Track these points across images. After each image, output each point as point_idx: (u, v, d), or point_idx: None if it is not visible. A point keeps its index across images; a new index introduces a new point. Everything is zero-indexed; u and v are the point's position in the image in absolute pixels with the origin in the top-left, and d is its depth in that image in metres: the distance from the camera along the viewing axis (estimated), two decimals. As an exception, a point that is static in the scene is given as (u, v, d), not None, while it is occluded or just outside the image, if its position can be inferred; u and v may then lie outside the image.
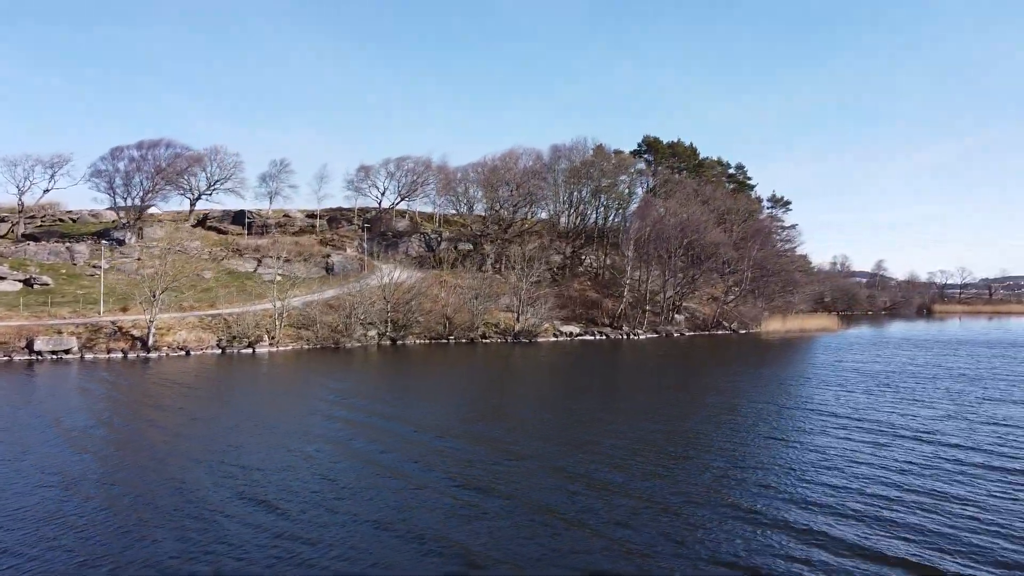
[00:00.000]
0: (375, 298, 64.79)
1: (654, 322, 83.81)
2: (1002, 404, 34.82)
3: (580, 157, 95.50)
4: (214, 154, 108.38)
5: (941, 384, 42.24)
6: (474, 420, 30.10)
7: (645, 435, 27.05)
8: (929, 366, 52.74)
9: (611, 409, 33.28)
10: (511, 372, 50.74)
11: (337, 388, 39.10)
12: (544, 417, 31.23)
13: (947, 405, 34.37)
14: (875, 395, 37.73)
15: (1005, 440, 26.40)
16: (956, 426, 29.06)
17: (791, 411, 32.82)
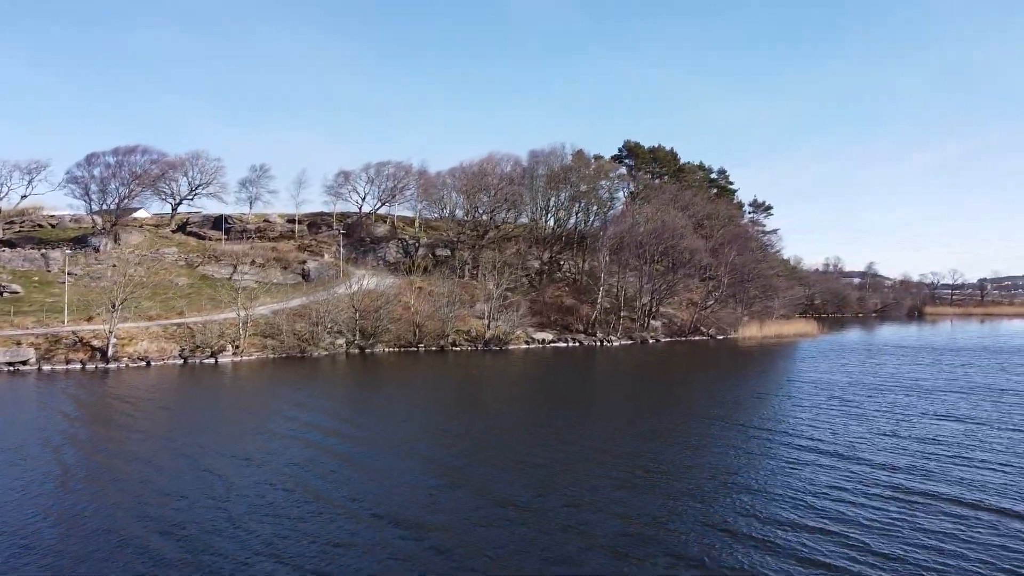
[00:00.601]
0: (343, 307, 64.76)
1: (630, 328, 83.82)
2: (943, 420, 34.85)
3: (558, 163, 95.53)
4: (195, 159, 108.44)
5: (889, 397, 42.25)
6: (417, 439, 29.94)
7: (584, 458, 27.07)
8: (890, 377, 52.74)
9: (561, 426, 33.26)
10: (471, 385, 50.66)
11: (290, 403, 39.02)
12: (491, 436, 31.03)
13: (883, 422, 34.39)
14: (820, 410, 37.76)
15: (929, 459, 26.43)
16: (882, 444, 29.08)
17: (731, 429, 32.87)
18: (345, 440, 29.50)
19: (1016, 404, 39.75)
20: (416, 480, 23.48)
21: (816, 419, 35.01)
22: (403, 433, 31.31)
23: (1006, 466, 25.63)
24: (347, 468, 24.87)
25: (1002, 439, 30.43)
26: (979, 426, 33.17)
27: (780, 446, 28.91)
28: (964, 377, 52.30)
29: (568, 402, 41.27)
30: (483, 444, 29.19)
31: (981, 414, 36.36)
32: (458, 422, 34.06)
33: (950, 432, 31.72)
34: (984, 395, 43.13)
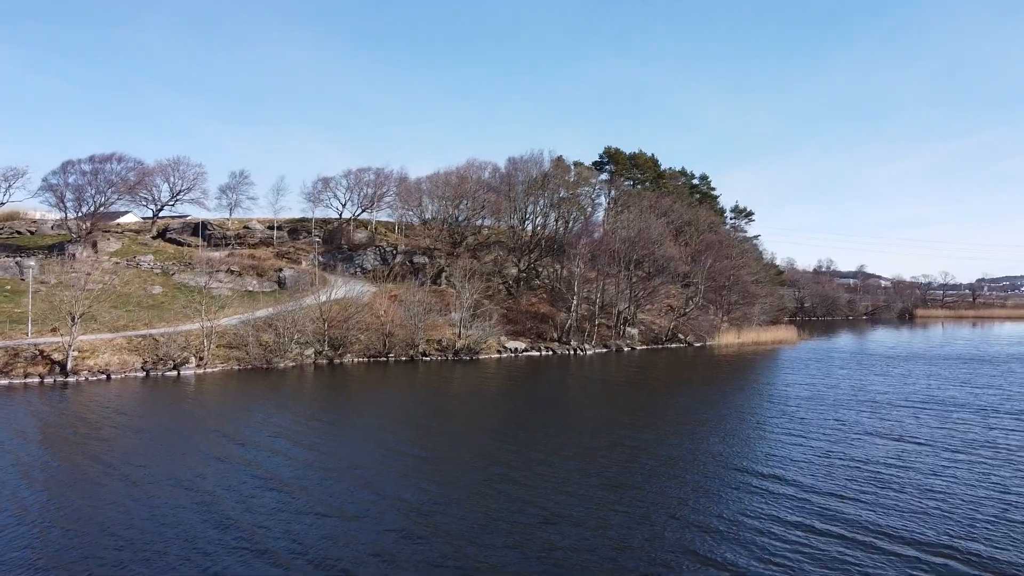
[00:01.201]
0: (310, 317, 64.68)
1: (605, 336, 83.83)
2: (887, 440, 34.84)
3: (537, 169, 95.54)
4: (176, 165, 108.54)
5: (840, 414, 42.23)
6: (374, 466, 29.63)
7: (523, 487, 27.03)
8: (850, 390, 52.73)
9: (510, 446, 33.24)
10: (433, 401, 50.53)
11: (243, 423, 38.99)
12: (454, 463, 30.65)
13: (824, 442, 34.37)
14: (764, 430, 37.77)
15: (853, 481, 26.40)
16: (812, 470, 29.06)
17: (672, 452, 32.84)
18: (296, 467, 28.92)
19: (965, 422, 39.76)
20: (369, 528, 22.01)
21: (758, 438, 35.02)
22: (359, 458, 30.83)
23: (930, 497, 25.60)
24: (291, 507, 24.35)
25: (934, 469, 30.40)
26: (920, 446, 33.17)
27: (707, 473, 28.89)
28: (930, 390, 52.28)
29: (529, 420, 41.19)
30: (446, 475, 28.07)
31: (924, 432, 36.36)
32: (417, 446, 33.89)
33: (886, 454, 31.69)
34: (941, 413, 43.10)
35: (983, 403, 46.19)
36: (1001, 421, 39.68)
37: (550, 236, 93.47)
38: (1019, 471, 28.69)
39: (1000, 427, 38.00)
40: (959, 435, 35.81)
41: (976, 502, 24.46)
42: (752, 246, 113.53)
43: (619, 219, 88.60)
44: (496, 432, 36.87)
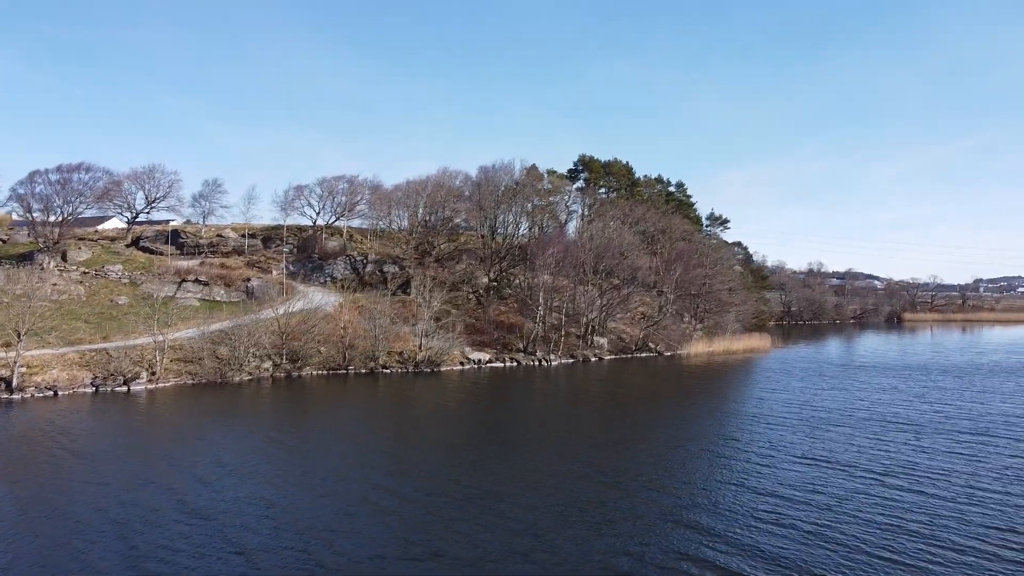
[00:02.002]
0: (268, 330, 64.57)
1: (572, 346, 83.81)
2: (804, 464, 34.80)
3: (508, 179, 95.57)
4: (151, 173, 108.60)
5: (777, 435, 42.22)
6: (312, 502, 29.46)
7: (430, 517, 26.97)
8: (801, 406, 52.72)
9: (455, 472, 33.19)
10: (384, 416, 50.56)
11: (183, 440, 38.95)
12: (402, 500, 29.93)
13: (738, 467, 34.35)
14: (688, 456, 37.78)
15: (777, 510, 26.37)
16: (726, 501, 29.05)
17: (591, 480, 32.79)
18: (225, 499, 28.48)
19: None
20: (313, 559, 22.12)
21: (676, 466, 35.02)
22: (296, 491, 30.19)
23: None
24: (216, 541, 24.17)
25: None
26: (838, 469, 33.09)
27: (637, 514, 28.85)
28: (876, 406, 52.21)
29: (480, 442, 41.17)
30: (393, 514, 26.99)
31: (848, 455, 36.28)
32: (360, 475, 33.72)
33: (800, 480, 31.64)
34: (877, 432, 43.05)
35: (923, 420, 46.12)
36: (933, 442, 39.60)
37: (522, 245, 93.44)
38: (928, 499, 28.65)
39: (929, 448, 37.95)
40: (883, 457, 35.76)
41: (877, 533, 24.44)
42: (729, 254, 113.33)
43: (588, 228, 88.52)
44: (442, 458, 36.59)
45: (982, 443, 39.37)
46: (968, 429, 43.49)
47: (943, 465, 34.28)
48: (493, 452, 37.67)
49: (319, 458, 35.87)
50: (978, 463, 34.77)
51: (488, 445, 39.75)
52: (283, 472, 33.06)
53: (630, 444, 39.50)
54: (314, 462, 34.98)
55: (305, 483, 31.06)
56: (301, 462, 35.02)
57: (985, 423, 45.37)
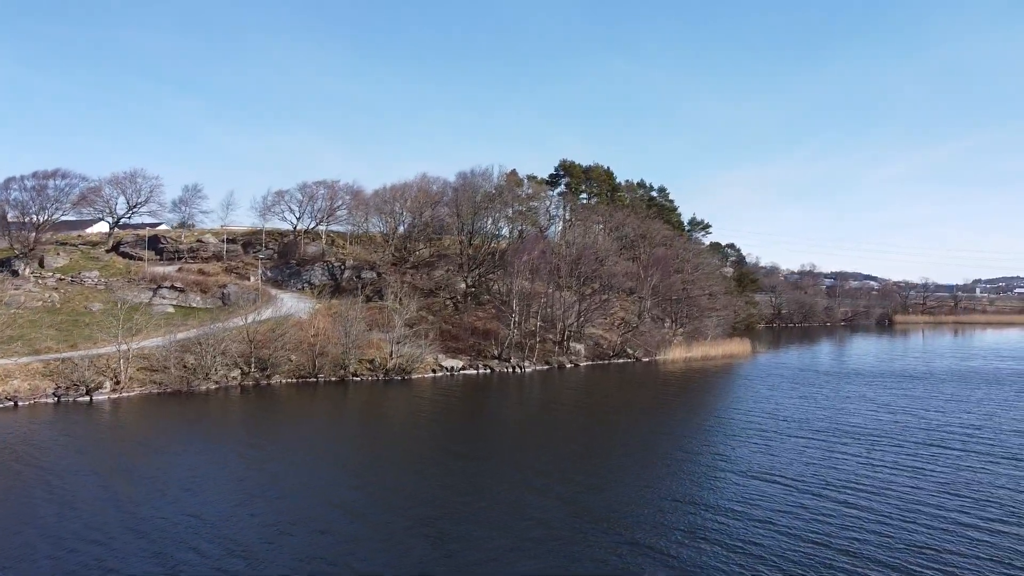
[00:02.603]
0: (234, 338, 64.48)
1: (548, 352, 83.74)
2: (753, 478, 34.77)
3: (487, 184, 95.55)
4: (132, 178, 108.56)
5: (724, 447, 42.23)
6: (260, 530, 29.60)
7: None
8: (765, 415, 52.70)
9: (411, 492, 33.11)
10: (345, 428, 50.50)
11: (137, 453, 38.86)
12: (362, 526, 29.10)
13: (684, 481, 34.34)
14: (636, 464, 37.77)
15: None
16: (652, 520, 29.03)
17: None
18: (175, 520, 28.20)
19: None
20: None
21: (617, 479, 35.00)
22: (240, 507, 29.93)
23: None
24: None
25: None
26: (780, 484, 33.04)
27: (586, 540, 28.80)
28: (838, 416, 52.14)
29: (444, 453, 41.14)
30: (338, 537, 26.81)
31: (794, 468, 36.25)
32: (314, 496, 33.56)
33: (742, 494, 31.60)
34: (828, 444, 43.01)
35: (880, 431, 46.13)
36: (883, 455, 39.58)
37: (500, 250, 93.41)
38: (861, 515, 28.62)
39: (877, 462, 37.92)
40: (828, 472, 35.73)
41: (803, 548, 24.43)
42: (711, 258, 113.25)
43: (566, 234, 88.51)
44: (401, 472, 36.37)
45: (931, 456, 39.38)
46: (923, 440, 43.52)
47: (885, 479, 34.27)
48: (453, 466, 37.34)
49: (273, 472, 35.75)
50: (921, 478, 34.74)
51: (450, 458, 39.42)
52: (232, 487, 33.05)
53: (590, 459, 39.37)
54: (267, 476, 34.89)
55: (249, 498, 31.05)
56: (253, 476, 34.99)
57: (940, 434, 45.37)
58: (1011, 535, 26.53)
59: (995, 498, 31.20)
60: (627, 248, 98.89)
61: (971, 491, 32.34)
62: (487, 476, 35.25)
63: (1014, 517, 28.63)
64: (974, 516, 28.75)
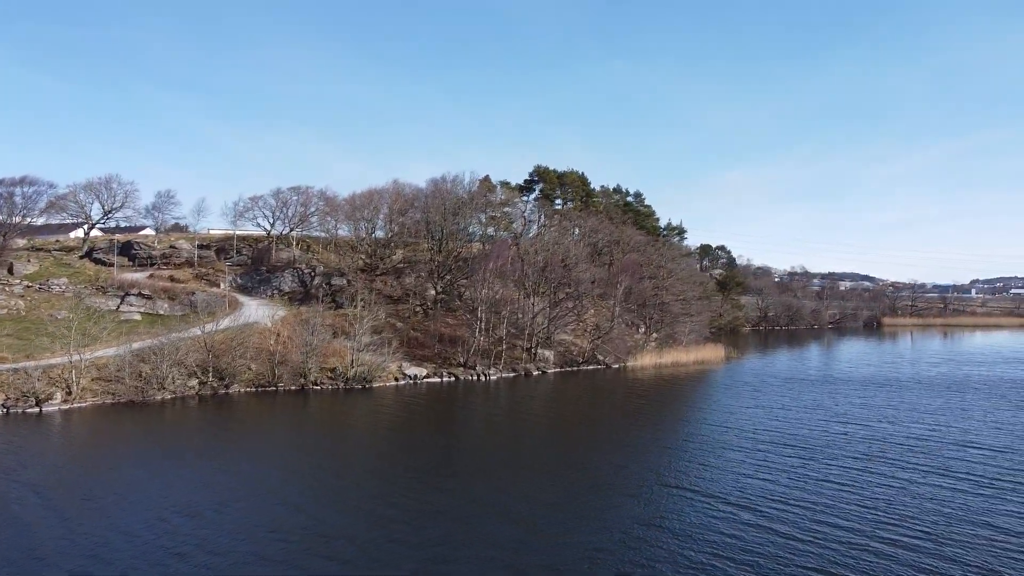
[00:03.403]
0: (191, 347, 64.35)
1: (515, 359, 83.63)
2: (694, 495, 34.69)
3: (462, 190, 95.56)
4: (106, 183, 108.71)
5: (669, 466, 42.18)
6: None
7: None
8: (724, 429, 52.68)
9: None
10: (300, 436, 50.27)
11: (79, 467, 38.73)
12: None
13: (619, 495, 34.26)
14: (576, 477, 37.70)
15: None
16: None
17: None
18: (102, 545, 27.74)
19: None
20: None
21: (552, 497, 34.93)
22: (168, 526, 29.54)
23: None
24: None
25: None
26: (705, 497, 32.97)
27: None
28: (791, 428, 52.06)
29: (391, 467, 40.95)
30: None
31: (723, 486, 36.18)
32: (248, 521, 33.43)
33: (662, 511, 31.52)
34: (770, 457, 42.95)
35: (821, 443, 46.06)
36: (815, 470, 39.49)
37: (473, 256, 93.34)
38: (774, 536, 28.57)
39: (808, 477, 37.84)
40: (754, 488, 35.65)
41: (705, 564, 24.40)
42: (687, 264, 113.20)
43: (535, 241, 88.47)
44: (346, 489, 36.07)
45: (863, 471, 39.24)
46: (861, 453, 43.43)
47: (808, 499, 34.09)
48: (402, 482, 36.96)
49: (214, 487, 35.61)
50: (844, 494, 34.65)
51: (399, 473, 38.96)
52: (167, 500, 32.94)
53: (547, 474, 38.94)
54: (206, 492, 34.72)
55: (187, 513, 31.06)
56: (191, 489, 34.89)
57: (881, 447, 45.30)
58: (922, 556, 26.46)
59: (914, 515, 31.13)
60: (600, 254, 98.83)
61: (890, 507, 32.31)
62: (437, 492, 34.95)
63: (927, 537, 28.54)
64: (889, 534, 28.68)
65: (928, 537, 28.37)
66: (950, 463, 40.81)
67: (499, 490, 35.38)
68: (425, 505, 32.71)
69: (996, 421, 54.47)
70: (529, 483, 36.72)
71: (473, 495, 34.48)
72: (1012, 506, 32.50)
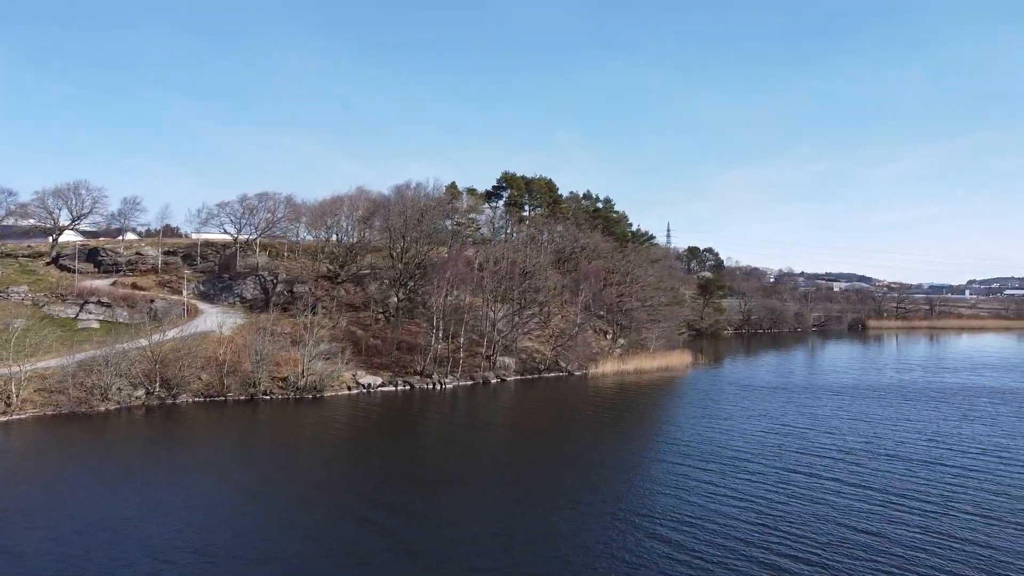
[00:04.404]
0: (136, 356, 64.13)
1: (473, 367, 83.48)
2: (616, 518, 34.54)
3: (424, 198, 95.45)
4: (75, 189, 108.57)
5: (600, 482, 42.06)
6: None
7: None
8: (670, 442, 52.59)
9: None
10: (241, 450, 49.82)
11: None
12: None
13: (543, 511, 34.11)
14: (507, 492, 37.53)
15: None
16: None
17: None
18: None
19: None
20: None
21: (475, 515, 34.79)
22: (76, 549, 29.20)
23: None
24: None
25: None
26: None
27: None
28: (729, 443, 51.84)
29: (320, 486, 40.31)
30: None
31: (643, 501, 36.04)
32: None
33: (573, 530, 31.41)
34: (701, 469, 42.82)
35: (756, 456, 45.96)
36: (749, 484, 39.34)
37: (433, 264, 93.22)
38: (690, 555, 28.51)
39: (728, 490, 37.77)
40: (686, 506, 35.33)
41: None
42: (655, 270, 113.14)
43: (496, 248, 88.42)
44: (274, 512, 35.49)
45: (798, 485, 38.88)
46: (801, 468, 42.83)
47: (719, 515, 33.96)
48: (334, 501, 36.66)
49: (142, 503, 35.38)
50: (751, 512, 34.52)
51: (340, 489, 38.93)
52: (83, 515, 32.82)
53: (487, 498, 38.29)
54: (133, 507, 34.56)
55: (107, 528, 30.87)
56: (119, 506, 34.75)
57: (819, 461, 44.81)
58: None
59: (811, 533, 31.08)
60: (566, 260, 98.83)
61: (794, 521, 32.28)
62: (377, 510, 34.82)
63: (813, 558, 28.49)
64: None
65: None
66: (866, 478, 40.74)
67: (432, 505, 35.29)
68: (363, 523, 32.67)
69: (935, 432, 54.48)
70: (464, 502, 36.60)
71: (412, 512, 34.39)
72: (902, 514, 32.46)
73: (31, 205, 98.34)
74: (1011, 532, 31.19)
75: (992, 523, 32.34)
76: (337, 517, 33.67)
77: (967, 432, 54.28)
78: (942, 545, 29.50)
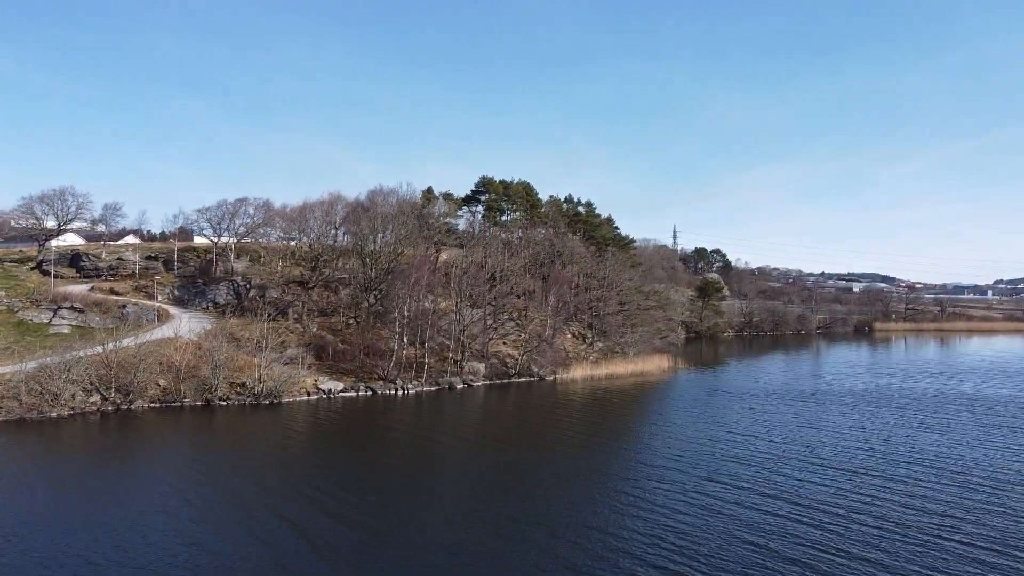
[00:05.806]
0: (91, 363, 64.66)
1: (439, 372, 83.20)
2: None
3: (395, 201, 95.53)
4: (60, 195, 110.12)
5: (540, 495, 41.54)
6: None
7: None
8: (613, 453, 51.89)
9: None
10: (191, 458, 49.45)
11: None
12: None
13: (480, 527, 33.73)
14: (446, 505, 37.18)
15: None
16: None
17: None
18: None
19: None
20: None
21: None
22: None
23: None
24: None
25: None
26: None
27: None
28: (688, 457, 50.92)
29: (261, 500, 39.75)
30: None
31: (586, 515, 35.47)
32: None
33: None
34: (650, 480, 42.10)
35: (713, 467, 44.92)
36: (697, 498, 38.61)
37: (399, 270, 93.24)
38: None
39: (692, 506, 37.06)
40: (633, 522, 34.48)
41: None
42: (635, 274, 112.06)
43: (468, 253, 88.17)
44: (211, 527, 34.47)
45: (754, 501, 37.89)
46: (760, 486, 41.26)
47: (693, 523, 33.33)
48: (288, 509, 36.48)
49: (83, 511, 35.52)
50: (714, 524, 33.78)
51: (288, 497, 38.65)
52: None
53: (433, 513, 37.02)
54: (73, 514, 34.69)
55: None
56: (58, 513, 34.83)
57: (780, 474, 43.40)
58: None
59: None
60: (541, 265, 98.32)
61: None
62: (306, 519, 34.68)
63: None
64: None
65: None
66: (792, 485, 39.87)
67: (379, 519, 35.07)
68: (298, 532, 32.62)
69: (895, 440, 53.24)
70: (413, 515, 36.25)
71: (349, 520, 34.18)
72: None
73: (17, 211, 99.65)
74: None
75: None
76: (274, 526, 33.45)
77: (908, 440, 53.11)
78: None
